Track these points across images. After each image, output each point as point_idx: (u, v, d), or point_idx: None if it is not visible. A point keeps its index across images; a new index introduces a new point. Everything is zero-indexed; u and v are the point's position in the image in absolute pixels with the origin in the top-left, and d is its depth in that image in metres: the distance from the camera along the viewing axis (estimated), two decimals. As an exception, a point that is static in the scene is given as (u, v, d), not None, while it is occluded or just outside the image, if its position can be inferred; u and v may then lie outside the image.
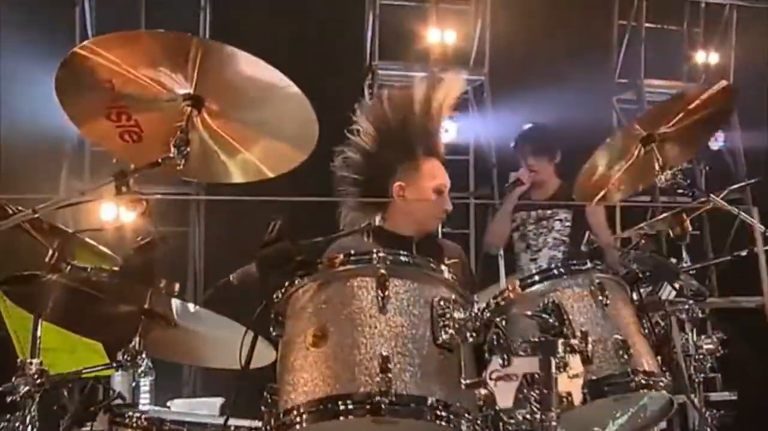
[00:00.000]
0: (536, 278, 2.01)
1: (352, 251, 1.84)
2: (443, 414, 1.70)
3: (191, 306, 2.24)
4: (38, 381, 2.00)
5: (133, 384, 3.39)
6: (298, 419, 1.69)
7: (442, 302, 1.78)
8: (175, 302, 2.19)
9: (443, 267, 1.87)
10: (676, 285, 2.11)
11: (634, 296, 2.11)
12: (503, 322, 1.93)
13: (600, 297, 1.95)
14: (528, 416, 1.69)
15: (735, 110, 7.38)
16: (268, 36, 5.61)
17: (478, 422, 1.75)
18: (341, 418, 1.67)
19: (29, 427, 1.99)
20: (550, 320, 1.81)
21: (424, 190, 2.78)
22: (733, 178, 6.76)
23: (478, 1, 6.95)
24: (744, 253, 3.01)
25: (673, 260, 2.42)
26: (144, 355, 2.26)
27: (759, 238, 2.46)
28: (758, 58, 7.29)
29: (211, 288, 1.87)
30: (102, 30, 4.35)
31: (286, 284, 1.84)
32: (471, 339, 1.75)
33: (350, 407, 1.66)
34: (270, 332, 1.87)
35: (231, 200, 2.67)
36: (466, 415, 1.73)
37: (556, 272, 2.01)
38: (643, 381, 1.92)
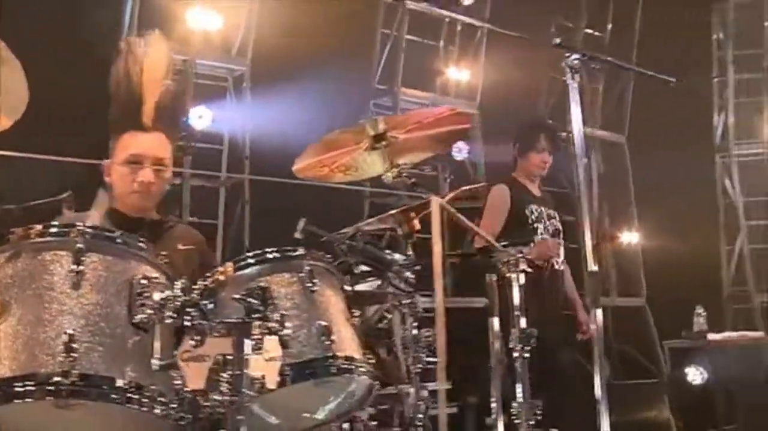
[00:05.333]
0: (250, 260, 1.99)
1: (52, 223, 1.72)
2: (135, 396, 1.64)
3: None
4: None
5: None
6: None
7: (143, 281, 1.72)
8: None
9: (147, 245, 1.81)
10: (389, 277, 2.21)
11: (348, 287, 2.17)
12: (211, 305, 1.90)
13: (308, 284, 1.98)
14: (221, 398, 1.67)
15: (479, 127, 8.22)
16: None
17: (173, 405, 1.71)
18: (18, 401, 1.55)
19: None
20: (255, 304, 1.81)
21: (117, 165, 2.54)
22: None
23: (246, -9, 6.85)
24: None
25: (396, 256, 2.51)
26: None
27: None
28: (503, 80, 7.95)
29: None
30: None
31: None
32: (170, 320, 1.70)
33: (29, 389, 1.55)
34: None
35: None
36: (160, 398, 1.69)
37: (269, 256, 2.00)
38: (343, 366, 1.96)
